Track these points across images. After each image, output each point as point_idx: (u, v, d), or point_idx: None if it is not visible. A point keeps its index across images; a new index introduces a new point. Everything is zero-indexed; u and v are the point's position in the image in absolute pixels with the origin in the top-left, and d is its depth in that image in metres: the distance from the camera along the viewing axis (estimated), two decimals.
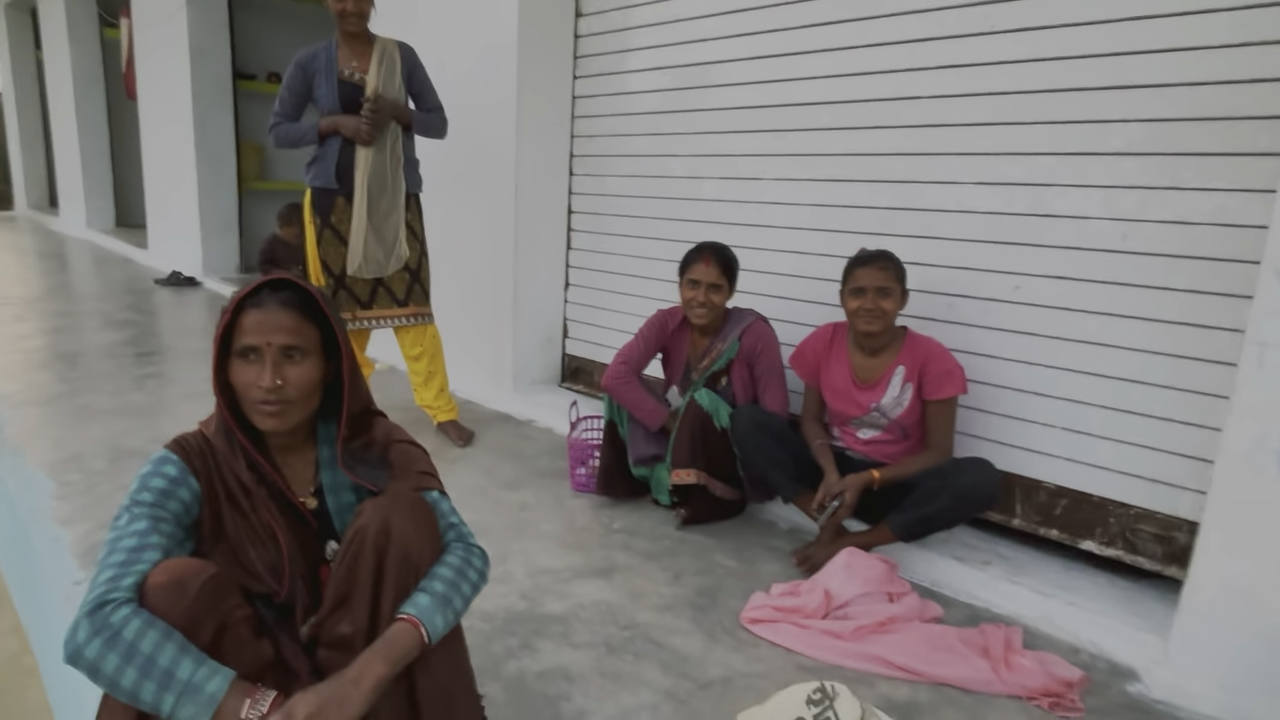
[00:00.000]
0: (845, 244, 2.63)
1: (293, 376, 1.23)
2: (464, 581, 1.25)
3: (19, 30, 11.77)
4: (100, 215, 10.19)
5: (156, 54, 7.16)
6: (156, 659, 1.02)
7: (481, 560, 1.31)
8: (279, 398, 1.22)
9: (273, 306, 1.22)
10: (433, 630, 1.18)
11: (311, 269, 3.08)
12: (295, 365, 1.23)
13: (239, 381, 1.23)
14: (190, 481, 1.23)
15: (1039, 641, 1.98)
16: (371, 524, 1.22)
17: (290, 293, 1.25)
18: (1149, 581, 2.19)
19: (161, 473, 1.21)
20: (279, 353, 1.22)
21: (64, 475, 2.66)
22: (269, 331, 1.21)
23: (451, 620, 1.21)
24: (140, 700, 1.02)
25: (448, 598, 1.21)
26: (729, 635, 1.94)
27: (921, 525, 2.15)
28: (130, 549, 1.11)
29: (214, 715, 1.01)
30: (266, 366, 1.21)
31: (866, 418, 2.31)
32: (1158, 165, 2.06)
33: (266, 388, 1.20)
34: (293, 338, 1.22)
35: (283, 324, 1.22)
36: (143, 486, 1.20)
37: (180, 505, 1.21)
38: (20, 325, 4.90)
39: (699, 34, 3.10)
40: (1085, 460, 2.25)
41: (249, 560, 1.25)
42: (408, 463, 1.35)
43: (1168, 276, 2.07)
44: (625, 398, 2.62)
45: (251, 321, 1.21)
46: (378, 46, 2.95)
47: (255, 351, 1.21)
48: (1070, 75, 2.18)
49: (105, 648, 1.02)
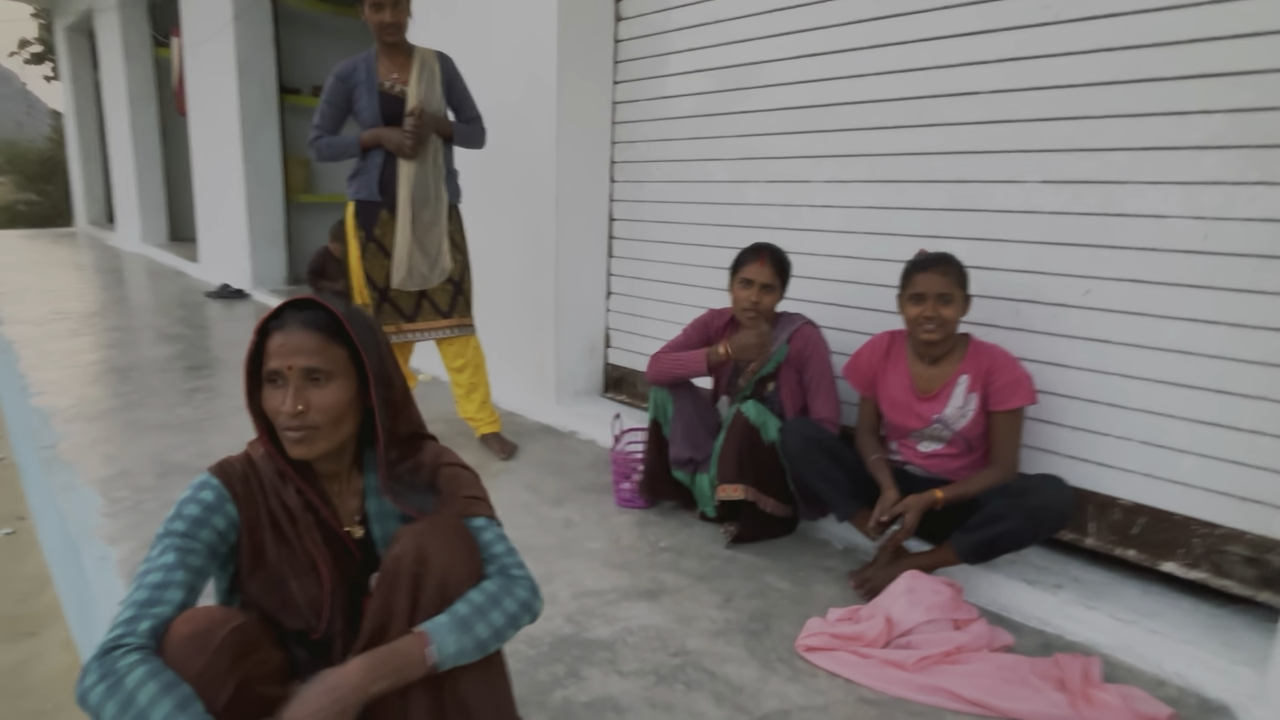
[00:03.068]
0: (901, 247, 2.52)
1: (316, 400, 1.17)
2: (495, 609, 1.17)
3: (78, 53, 12.17)
4: (154, 230, 10.46)
5: (205, 71, 7.31)
6: (149, 714, 0.98)
7: (528, 592, 1.24)
8: (302, 423, 1.16)
9: (294, 328, 1.17)
10: (441, 650, 1.11)
11: (355, 283, 3.07)
12: (319, 389, 1.17)
13: (268, 408, 1.18)
14: (228, 508, 1.19)
15: (1119, 673, 1.85)
16: (407, 552, 1.17)
17: (314, 313, 1.19)
18: (1239, 607, 2.03)
19: (198, 499, 1.18)
20: (301, 376, 1.16)
21: (112, 492, 2.68)
22: (290, 355, 1.16)
23: (469, 648, 1.14)
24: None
25: (468, 622, 1.14)
26: (784, 664, 1.84)
27: (988, 547, 2.02)
28: (153, 585, 1.09)
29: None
30: (289, 391, 1.15)
31: (928, 430, 2.19)
32: (1244, 159, 1.91)
33: (288, 413, 1.15)
34: (315, 360, 1.16)
35: (304, 346, 1.16)
36: (178, 514, 1.17)
37: (214, 534, 1.17)
38: (76, 340, 5.01)
39: (741, 34, 3.01)
40: (1165, 476, 2.10)
41: (288, 592, 1.21)
42: (455, 487, 1.29)
43: (1254, 278, 1.92)
44: (662, 368, 2.54)
45: (274, 345, 1.17)
46: (417, 57, 2.92)
47: (279, 376, 1.17)
48: (1143, 65, 2.04)
49: (107, 695, 0.99)
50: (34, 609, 2.87)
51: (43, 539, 3.32)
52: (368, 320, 1.26)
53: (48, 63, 17.43)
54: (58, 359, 4.49)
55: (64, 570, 2.74)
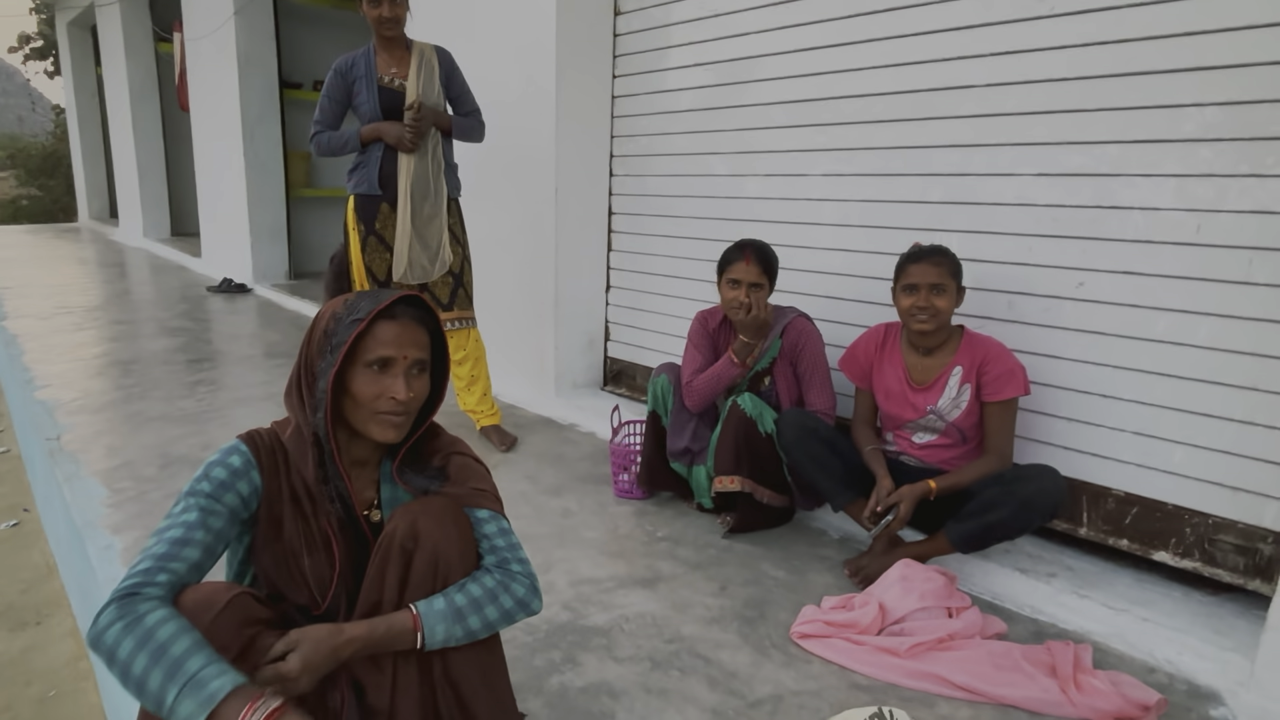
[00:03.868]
0: (896, 240, 2.54)
1: (418, 389, 1.26)
2: (491, 605, 1.23)
3: (80, 48, 12.19)
4: (156, 225, 10.49)
5: (207, 66, 7.33)
6: (170, 647, 1.01)
7: (526, 590, 1.28)
8: (405, 409, 1.23)
9: (409, 321, 1.24)
10: (429, 635, 1.18)
11: (356, 275, 3.09)
12: (420, 379, 1.27)
13: (364, 392, 1.21)
14: (253, 475, 1.24)
15: (1110, 660, 1.87)
16: (400, 528, 1.22)
17: (423, 310, 1.28)
18: (1230, 596, 2.05)
19: (226, 463, 1.22)
20: (413, 366, 1.24)
21: (116, 482, 2.70)
22: (406, 345, 1.23)
23: (459, 636, 1.20)
24: (146, 690, 1.00)
25: (463, 614, 1.20)
26: (779, 650, 1.87)
27: (982, 536, 2.04)
28: (173, 540, 1.12)
29: (209, 717, 0.98)
30: (400, 379, 1.22)
31: (922, 421, 2.21)
32: (1237, 151, 1.93)
33: (401, 400, 1.21)
34: (424, 353, 1.26)
35: (418, 339, 1.25)
36: (205, 475, 1.21)
37: (238, 499, 1.21)
38: (80, 334, 5.04)
39: (739, 28, 3.02)
40: (1157, 466, 2.12)
41: (300, 567, 1.25)
42: (465, 476, 1.34)
43: (1247, 270, 1.94)
44: (707, 387, 2.51)
45: (389, 334, 1.22)
46: (415, 51, 2.94)
47: (389, 363, 1.22)
48: (1137, 59, 2.05)
49: (124, 632, 1.02)
50: (38, 598, 2.90)
51: (48, 529, 3.35)
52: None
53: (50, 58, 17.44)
54: (61, 353, 4.52)
55: (69, 560, 2.77)
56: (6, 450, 4.54)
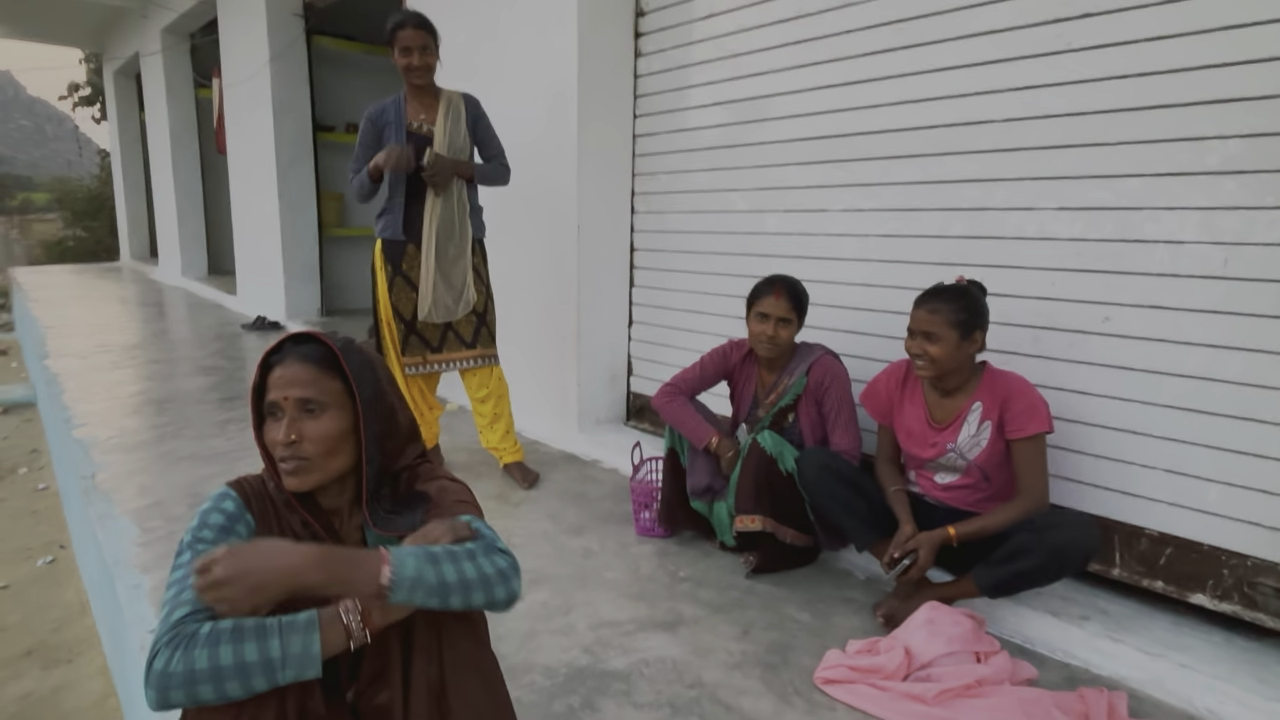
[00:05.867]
0: (918, 275, 2.53)
1: (309, 431, 1.20)
2: (469, 561, 1.12)
3: (125, 94, 12.66)
4: (194, 264, 10.77)
5: (243, 110, 7.56)
6: (243, 626, 1.05)
7: (508, 564, 1.17)
8: (295, 454, 1.19)
9: (291, 361, 1.22)
10: (398, 570, 1.05)
11: (382, 316, 3.14)
12: (313, 419, 1.20)
13: (267, 439, 1.23)
14: (247, 518, 1.24)
15: (1147, 708, 1.80)
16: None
17: (312, 346, 1.23)
18: (1274, 641, 1.98)
19: (221, 508, 1.23)
20: (296, 407, 1.20)
21: (147, 522, 2.75)
22: (285, 386, 1.20)
23: (431, 581, 1.07)
24: (248, 667, 1.02)
25: (438, 559, 1.09)
26: (801, 697, 1.83)
27: (1011, 582, 1.99)
28: (194, 600, 1.10)
29: (321, 634, 1.05)
30: (283, 421, 1.20)
31: (943, 460, 2.17)
32: (1263, 183, 1.90)
33: (281, 442, 1.19)
34: (309, 391, 1.20)
35: (299, 377, 1.20)
36: (203, 524, 1.21)
37: (240, 541, 1.21)
38: (117, 372, 5.16)
39: (758, 67, 3.05)
40: (1191, 505, 2.06)
41: (294, 612, 1.24)
42: (444, 495, 1.30)
43: (1276, 303, 1.90)
44: (670, 414, 2.58)
45: (273, 377, 1.22)
46: (444, 99, 3.02)
47: (277, 408, 1.21)
48: (1156, 92, 2.04)
49: (188, 651, 1.03)
50: (70, 636, 2.95)
51: (81, 567, 3.41)
52: (367, 356, 1.29)
53: (97, 104, 18.14)
54: (99, 391, 4.64)
55: (100, 598, 2.81)
56: (46, 487, 4.64)
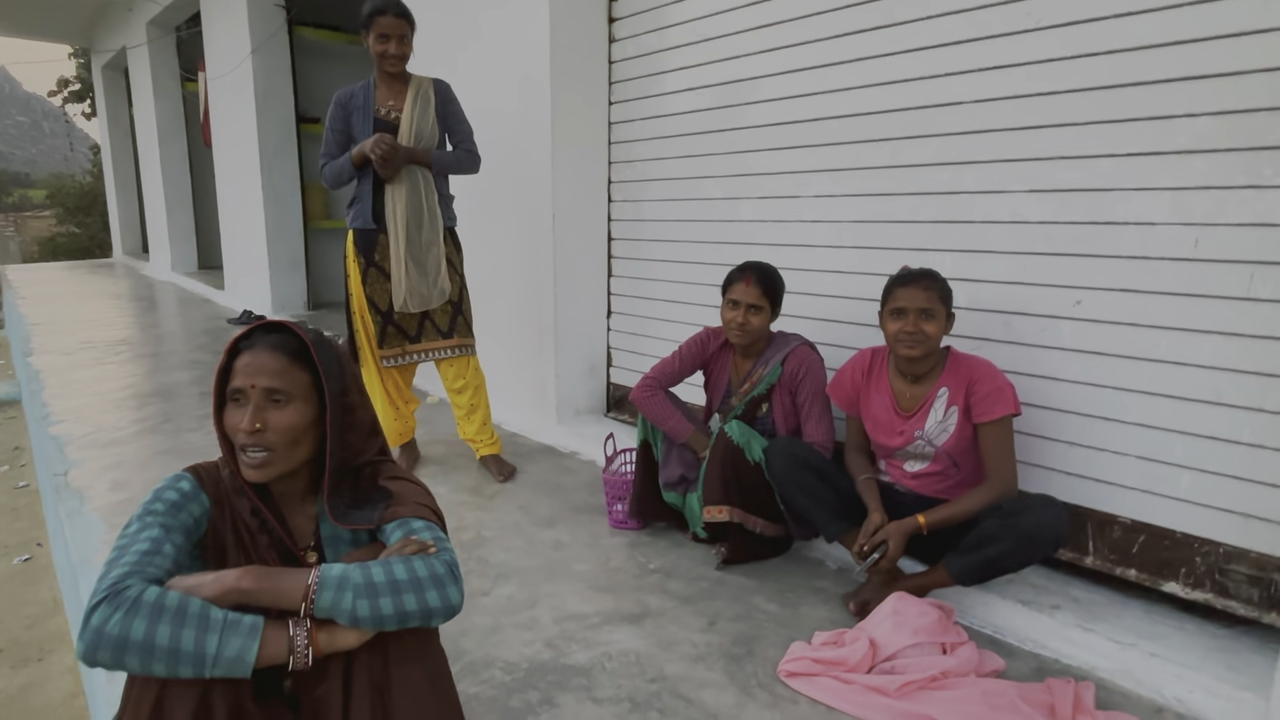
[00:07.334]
0: (889, 261, 2.49)
1: (274, 421, 1.20)
2: (401, 564, 1.14)
3: (114, 89, 12.57)
4: (184, 258, 10.72)
5: (227, 103, 7.50)
6: (187, 608, 1.03)
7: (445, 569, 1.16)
8: (259, 443, 1.19)
9: (261, 349, 1.21)
10: (323, 575, 1.10)
11: (356, 308, 3.09)
12: (279, 410, 1.20)
13: (229, 425, 1.21)
14: (202, 498, 1.24)
15: (1115, 699, 1.77)
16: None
17: (283, 336, 1.23)
18: (1245, 629, 1.95)
19: (176, 487, 1.22)
20: (262, 396, 1.19)
21: (115, 518, 2.72)
22: (254, 374, 1.19)
23: (358, 581, 1.10)
24: (181, 653, 1.00)
25: (367, 567, 1.12)
26: (764, 690, 1.80)
27: (982, 569, 1.96)
28: (143, 552, 1.10)
29: (261, 642, 1.03)
30: (249, 409, 1.18)
31: (911, 448, 2.14)
32: (1233, 162, 1.85)
33: (246, 430, 1.18)
34: (276, 380, 1.20)
35: (268, 367, 1.20)
36: (155, 498, 1.20)
37: (191, 519, 1.21)
38: (99, 368, 5.13)
39: (732, 51, 3.00)
40: (1164, 492, 2.03)
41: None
42: (404, 492, 1.30)
43: (1248, 286, 1.86)
44: (650, 410, 2.55)
45: (240, 364, 1.20)
46: (413, 85, 2.97)
47: (242, 394, 1.20)
48: (1126, 70, 1.99)
49: (128, 616, 1.01)
50: (42, 634, 2.93)
51: (56, 564, 3.39)
52: (336, 350, 1.29)
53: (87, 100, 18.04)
54: (80, 387, 4.60)
55: (70, 598, 2.79)
56: (26, 484, 4.62)
